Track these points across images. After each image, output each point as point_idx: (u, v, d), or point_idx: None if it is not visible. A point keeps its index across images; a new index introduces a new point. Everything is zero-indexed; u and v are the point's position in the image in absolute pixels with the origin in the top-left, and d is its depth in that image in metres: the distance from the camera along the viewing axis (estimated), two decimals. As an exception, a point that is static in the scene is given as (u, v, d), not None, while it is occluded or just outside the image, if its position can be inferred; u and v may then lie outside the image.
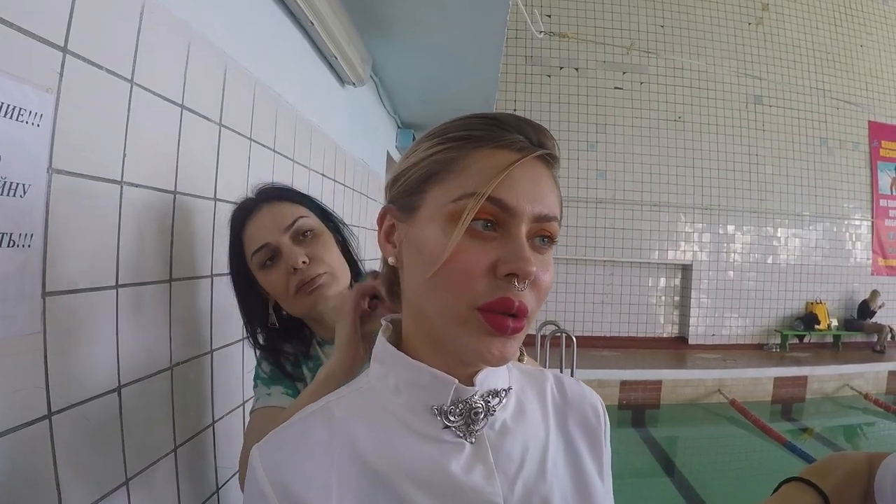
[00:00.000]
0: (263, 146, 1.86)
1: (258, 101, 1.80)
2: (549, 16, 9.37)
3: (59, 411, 0.94)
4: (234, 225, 1.33)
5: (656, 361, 8.64)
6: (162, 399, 1.29)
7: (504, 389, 0.73)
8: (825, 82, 10.62)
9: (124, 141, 1.10)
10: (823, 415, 8.13)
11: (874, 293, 10.40)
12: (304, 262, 1.25)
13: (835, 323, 10.37)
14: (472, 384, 0.69)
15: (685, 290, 10.29)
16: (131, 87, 1.12)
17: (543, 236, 0.66)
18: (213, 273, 1.53)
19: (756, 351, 10.00)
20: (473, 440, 0.69)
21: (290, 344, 1.37)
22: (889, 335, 10.01)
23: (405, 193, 0.70)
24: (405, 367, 0.70)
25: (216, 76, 1.52)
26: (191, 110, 1.37)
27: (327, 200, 2.55)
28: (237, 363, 1.72)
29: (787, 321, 10.37)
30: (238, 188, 1.66)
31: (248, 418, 1.80)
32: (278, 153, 2.00)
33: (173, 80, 1.30)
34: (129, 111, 1.11)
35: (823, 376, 8.60)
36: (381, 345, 0.74)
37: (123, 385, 1.12)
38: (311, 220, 1.32)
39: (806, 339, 10.32)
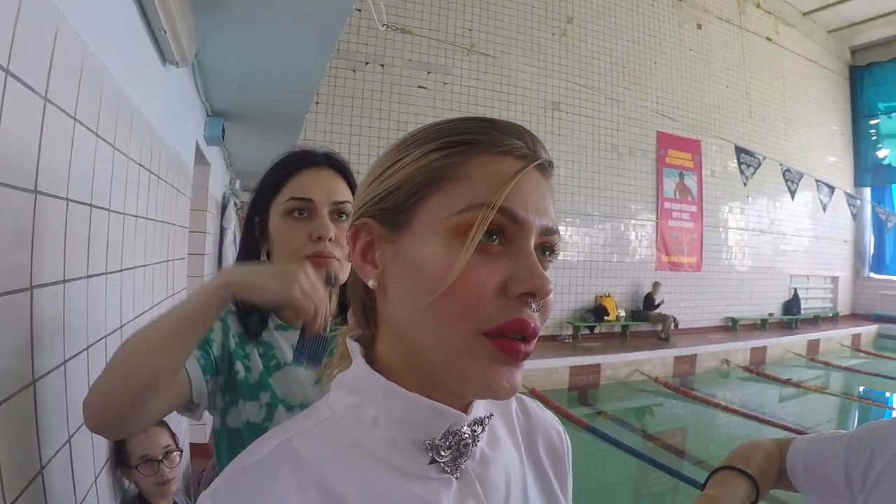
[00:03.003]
0: (87, 128, 1.54)
1: (86, 74, 1.47)
2: (360, 10, 9.22)
3: None
4: (287, 164, 1.33)
5: (453, 356, 8.88)
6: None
7: (486, 417, 0.66)
8: (619, 94, 11.60)
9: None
10: (617, 398, 8.83)
11: (655, 284, 11.61)
12: (330, 239, 1.26)
13: (623, 314, 11.40)
14: (466, 413, 0.64)
15: (481, 285, 10.70)
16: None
17: (546, 249, 0.61)
18: (33, 285, 1.23)
19: (550, 342, 10.57)
20: (458, 475, 0.63)
21: (253, 317, 1.34)
22: (672, 324, 11.16)
23: (395, 207, 0.61)
24: (396, 399, 0.61)
25: (46, 37, 1.19)
26: (16, 77, 1.06)
27: (143, 195, 2.24)
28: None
29: (578, 313, 11.19)
30: (60, 180, 1.36)
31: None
32: (101, 138, 1.66)
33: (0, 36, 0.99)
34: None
35: (615, 363, 9.39)
36: (364, 373, 0.63)
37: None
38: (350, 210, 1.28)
39: (597, 330, 11.23)
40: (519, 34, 10.72)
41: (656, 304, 11.45)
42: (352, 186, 1.36)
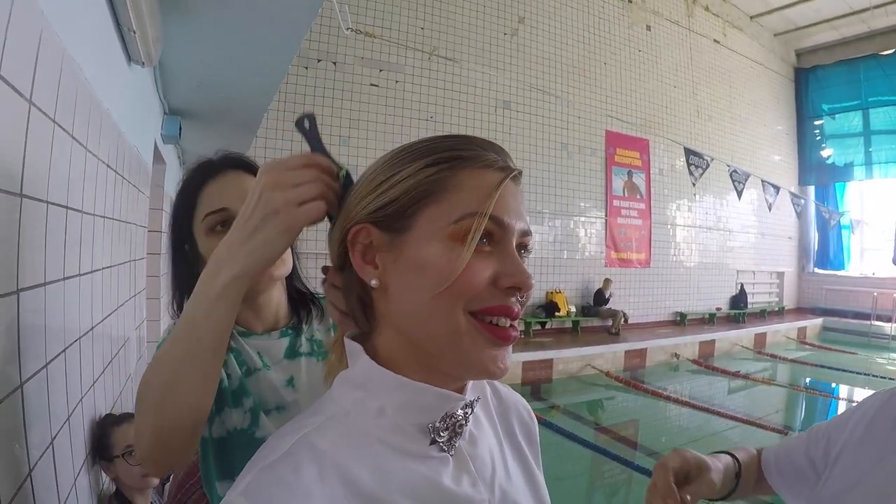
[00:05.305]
0: (64, 130, 1.53)
1: (64, 76, 1.47)
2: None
3: None
4: (190, 181, 1.30)
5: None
6: None
7: (474, 400, 0.74)
8: (569, 93, 11.77)
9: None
10: (570, 392, 8.92)
11: (606, 281, 11.77)
12: None
13: (573, 310, 11.56)
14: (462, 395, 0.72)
15: (434, 283, 10.72)
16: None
17: (522, 248, 0.71)
18: (19, 288, 1.23)
19: (503, 338, 10.61)
20: (453, 453, 0.72)
21: None
22: (622, 319, 11.38)
23: (395, 216, 0.69)
24: (404, 388, 0.69)
25: (32, 41, 1.20)
26: (6, 81, 1.05)
27: (109, 196, 2.22)
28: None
29: (529, 309, 11.19)
30: (41, 183, 1.36)
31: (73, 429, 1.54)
32: (76, 140, 1.65)
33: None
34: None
35: (567, 358, 9.48)
36: (369, 369, 0.70)
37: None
38: None
39: (548, 326, 11.32)
40: (471, 33, 10.75)
41: (606, 299, 11.64)
42: None
